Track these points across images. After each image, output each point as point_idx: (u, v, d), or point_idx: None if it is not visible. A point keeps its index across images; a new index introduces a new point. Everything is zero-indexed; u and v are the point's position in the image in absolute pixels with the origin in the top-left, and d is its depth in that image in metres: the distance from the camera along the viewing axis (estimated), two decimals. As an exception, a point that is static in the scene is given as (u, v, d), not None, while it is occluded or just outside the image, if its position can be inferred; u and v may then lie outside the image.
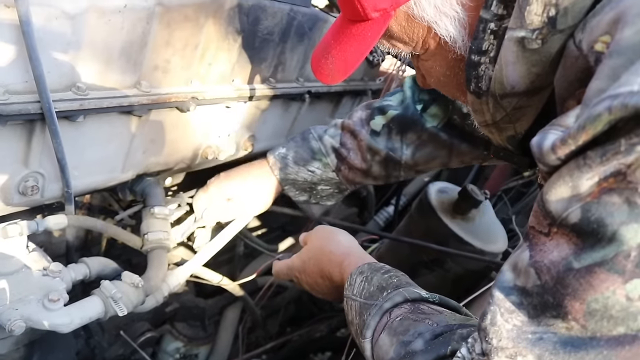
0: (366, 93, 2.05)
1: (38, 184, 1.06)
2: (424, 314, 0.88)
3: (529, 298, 0.64)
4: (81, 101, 1.00)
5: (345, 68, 0.91)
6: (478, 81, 0.82)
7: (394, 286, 0.95)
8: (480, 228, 1.62)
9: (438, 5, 0.79)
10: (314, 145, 1.40)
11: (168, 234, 1.30)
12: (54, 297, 1.04)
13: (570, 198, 0.59)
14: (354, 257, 1.09)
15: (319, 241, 1.18)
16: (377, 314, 0.91)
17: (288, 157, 1.39)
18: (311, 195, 1.42)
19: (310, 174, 1.38)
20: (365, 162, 1.36)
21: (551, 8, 0.69)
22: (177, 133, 1.29)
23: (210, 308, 1.76)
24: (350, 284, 1.02)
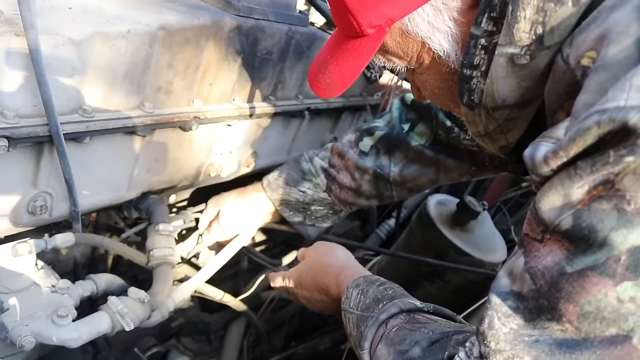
0: (365, 108, 2.09)
1: (46, 203, 1.09)
2: (419, 323, 0.91)
3: (525, 302, 0.67)
4: (87, 123, 1.04)
5: (343, 83, 0.94)
6: (470, 94, 0.85)
7: (389, 297, 0.98)
8: (479, 239, 1.64)
9: (431, 22, 0.82)
10: (304, 166, 1.45)
11: (173, 250, 1.33)
12: (62, 313, 1.08)
13: (562, 206, 0.63)
14: (350, 270, 1.13)
15: (316, 256, 1.21)
16: (373, 326, 0.94)
17: (279, 179, 1.44)
18: (305, 216, 1.45)
19: (302, 194, 1.42)
20: (354, 180, 1.40)
21: (538, 26, 0.72)
22: (180, 152, 1.33)
23: (215, 323, 1.78)
24: (347, 297, 1.05)
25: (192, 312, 1.76)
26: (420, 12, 0.81)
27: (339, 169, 1.41)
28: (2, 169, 0.99)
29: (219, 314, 1.81)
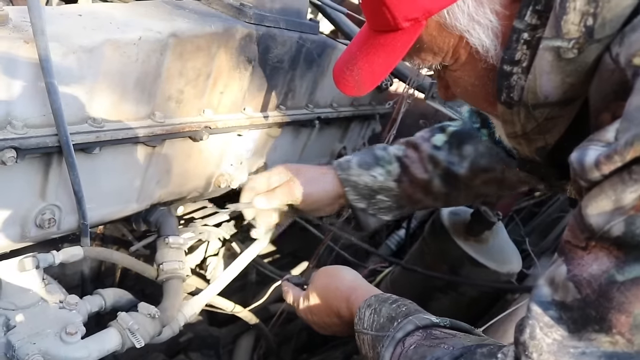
0: (374, 117, 2.07)
1: (55, 216, 1.06)
2: (437, 339, 0.87)
3: (569, 312, 0.64)
4: (97, 133, 1.01)
5: (373, 79, 0.91)
6: (510, 91, 0.81)
7: (403, 315, 0.95)
8: (494, 249, 1.61)
9: (472, 14, 0.78)
10: (379, 153, 1.39)
11: (183, 264, 1.29)
12: (71, 330, 1.04)
13: (613, 211, 0.60)
14: (360, 290, 1.09)
15: (322, 280, 1.18)
16: (390, 345, 0.90)
17: (352, 161, 1.38)
18: (369, 204, 1.38)
19: (372, 178, 1.36)
20: (426, 172, 1.35)
21: (589, 17, 0.68)
22: (191, 162, 1.30)
23: (224, 337, 1.75)
24: (359, 318, 1.01)
25: (200, 327, 1.72)
26: (460, 4, 0.77)
27: (413, 160, 1.36)
28: (10, 181, 0.96)
29: (227, 327, 1.78)
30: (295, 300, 1.23)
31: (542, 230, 1.92)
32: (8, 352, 1.01)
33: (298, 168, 1.36)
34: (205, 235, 1.59)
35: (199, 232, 1.52)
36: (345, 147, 1.97)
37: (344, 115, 1.79)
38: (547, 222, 1.90)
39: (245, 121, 1.34)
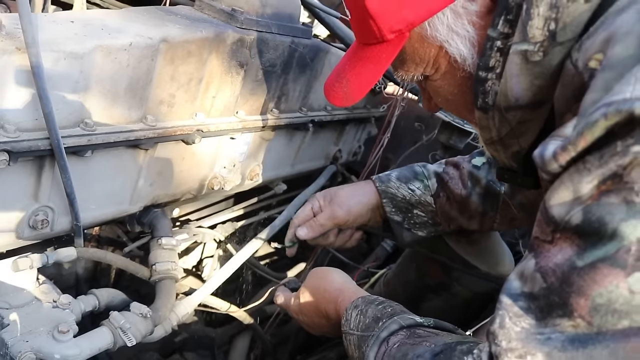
0: (369, 120, 2.09)
1: (48, 217, 1.08)
2: (420, 337, 0.90)
3: (536, 301, 0.67)
4: (89, 136, 1.03)
5: (360, 89, 0.95)
6: (485, 96, 0.85)
7: (388, 315, 0.98)
8: (486, 251, 1.62)
9: (450, 25, 0.83)
10: (417, 168, 1.43)
11: (175, 264, 1.32)
12: (63, 328, 1.06)
13: (572, 201, 0.64)
14: (348, 292, 1.12)
15: (312, 281, 1.20)
16: (375, 344, 0.93)
17: (391, 175, 1.41)
18: (405, 218, 1.41)
19: (410, 192, 1.38)
20: (465, 189, 1.36)
21: (551, 22, 0.74)
22: (184, 165, 1.32)
23: (219, 337, 1.76)
24: (346, 319, 1.04)
25: (196, 327, 1.74)
26: (440, 16, 0.82)
27: (452, 176, 1.39)
28: (3, 183, 0.98)
29: (223, 328, 1.80)
30: (287, 300, 1.26)
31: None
32: (1, 349, 1.03)
33: (336, 189, 1.40)
34: (200, 237, 1.61)
35: (193, 233, 1.54)
36: (340, 150, 1.99)
37: (338, 119, 1.82)
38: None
39: (238, 124, 1.37)
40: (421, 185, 1.40)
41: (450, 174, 1.40)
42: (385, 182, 1.40)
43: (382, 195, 1.39)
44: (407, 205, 1.40)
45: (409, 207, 1.40)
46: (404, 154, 2.16)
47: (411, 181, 1.40)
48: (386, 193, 1.39)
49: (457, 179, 1.39)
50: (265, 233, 1.57)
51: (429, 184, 1.40)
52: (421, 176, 1.41)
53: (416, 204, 1.40)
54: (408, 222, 1.42)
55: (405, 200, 1.39)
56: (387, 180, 1.41)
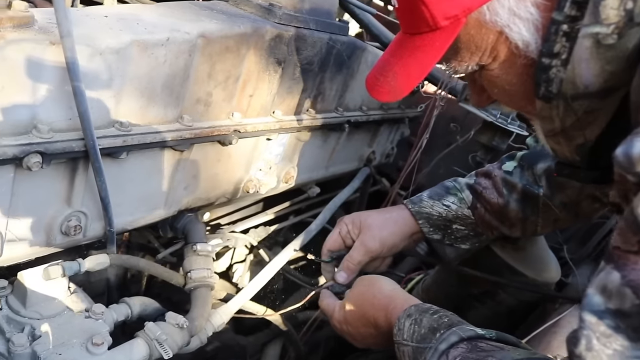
0: (404, 121, 2.02)
1: (81, 223, 1.03)
2: (484, 352, 0.83)
3: (628, 320, 0.60)
4: (124, 137, 0.98)
5: (409, 83, 0.87)
6: (548, 85, 0.78)
7: (446, 326, 0.91)
8: (532, 257, 1.54)
9: (512, 8, 0.75)
10: (448, 184, 1.37)
11: (211, 272, 1.26)
12: (97, 340, 1.01)
13: None
14: (399, 300, 1.05)
15: (360, 288, 1.14)
16: (433, 357, 0.87)
17: (423, 195, 1.35)
18: (445, 234, 1.34)
19: (445, 208, 1.32)
20: (502, 197, 1.30)
21: (628, 1, 0.67)
22: (219, 167, 1.26)
23: (251, 345, 1.70)
24: (399, 329, 0.97)
25: (227, 335, 1.68)
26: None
27: (486, 186, 1.32)
28: (36, 187, 0.93)
29: (254, 336, 1.74)
30: (330, 309, 1.19)
31: (580, 237, 1.85)
32: (33, 363, 0.98)
33: (364, 216, 1.32)
34: (233, 241, 1.55)
35: (226, 238, 1.48)
36: (374, 152, 1.93)
37: (373, 119, 1.75)
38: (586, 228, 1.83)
39: (275, 125, 1.31)
40: (455, 199, 1.33)
41: (483, 184, 1.33)
42: (417, 203, 1.34)
43: (417, 216, 1.33)
44: (445, 222, 1.34)
45: (447, 224, 1.34)
46: (437, 157, 2.09)
47: (444, 197, 1.34)
48: (421, 214, 1.33)
49: (491, 188, 1.32)
50: (301, 238, 1.50)
51: (464, 196, 1.34)
52: (453, 190, 1.35)
53: (454, 219, 1.33)
54: (449, 238, 1.36)
55: (442, 218, 1.33)
56: (419, 201, 1.34)
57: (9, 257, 0.98)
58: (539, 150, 1.31)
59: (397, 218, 1.32)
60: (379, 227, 1.29)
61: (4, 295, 1.06)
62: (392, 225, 1.31)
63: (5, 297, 1.06)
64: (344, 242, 1.31)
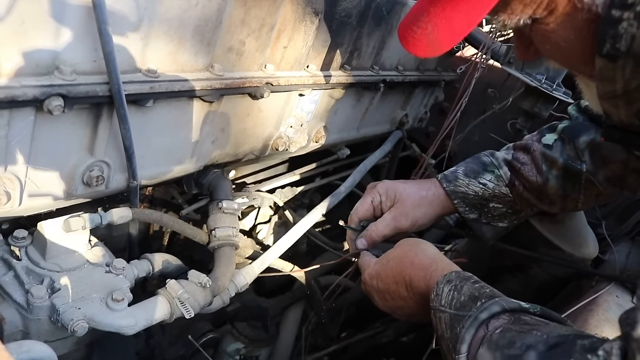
0: (439, 84, 1.94)
1: (103, 174, 0.98)
2: (528, 325, 0.77)
3: None
4: (151, 84, 0.91)
5: (452, 37, 0.80)
6: (616, 41, 0.70)
7: (487, 296, 0.85)
8: (570, 231, 1.47)
9: None
10: (485, 159, 1.29)
11: (236, 230, 1.20)
12: (117, 296, 0.97)
13: None
14: (441, 264, 0.98)
15: (403, 247, 1.06)
16: (472, 326, 0.81)
17: (458, 171, 1.27)
18: (482, 213, 1.27)
19: (482, 187, 1.25)
20: (540, 174, 1.23)
21: None
22: (248, 122, 1.20)
23: (272, 308, 1.66)
24: (437, 294, 0.91)
25: (248, 297, 1.64)
26: None
27: (524, 162, 1.25)
28: (57, 133, 0.88)
29: (276, 298, 1.70)
30: (367, 263, 1.13)
31: (620, 214, 1.77)
32: (52, 315, 0.95)
33: (400, 188, 1.24)
34: (258, 201, 1.49)
35: (252, 197, 1.43)
36: (407, 115, 1.85)
37: (409, 80, 1.67)
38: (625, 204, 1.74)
39: (309, 79, 1.23)
40: (492, 177, 1.26)
41: (521, 160, 1.25)
42: (453, 181, 1.26)
43: (453, 196, 1.25)
44: (481, 200, 1.26)
45: (484, 202, 1.27)
46: (472, 123, 2.00)
47: (480, 174, 1.26)
48: (456, 193, 1.25)
49: (530, 164, 1.24)
50: (329, 200, 1.44)
51: (501, 173, 1.26)
52: (491, 167, 1.27)
53: (491, 197, 1.26)
54: (485, 217, 1.28)
55: (478, 197, 1.26)
56: (454, 178, 1.26)
57: (29, 207, 0.93)
58: (581, 122, 1.23)
59: (432, 199, 1.25)
60: (413, 206, 1.22)
61: (23, 245, 1.03)
62: (427, 206, 1.24)
63: (25, 248, 1.03)
64: (374, 212, 1.24)
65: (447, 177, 1.27)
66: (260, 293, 1.76)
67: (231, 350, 1.63)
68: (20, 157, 0.85)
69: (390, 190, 1.23)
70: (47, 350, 0.77)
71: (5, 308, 0.96)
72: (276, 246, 1.30)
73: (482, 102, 2.06)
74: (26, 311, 0.95)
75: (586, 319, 1.27)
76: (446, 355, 0.90)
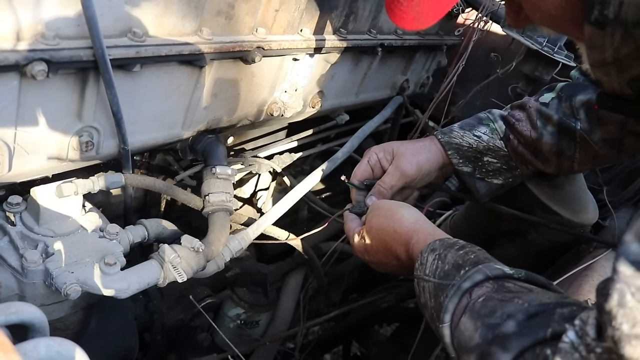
0: (441, 48, 1.91)
1: (93, 139, 0.98)
2: (511, 292, 0.77)
3: None
4: (137, 48, 0.91)
5: (438, 8, 0.78)
6: (603, 7, 0.68)
7: (471, 263, 0.84)
8: (569, 196, 1.46)
9: None
10: (481, 115, 1.30)
11: (230, 195, 1.21)
12: (110, 260, 0.98)
13: None
14: (422, 233, 0.97)
15: (379, 220, 1.05)
16: (455, 295, 0.81)
17: (454, 125, 1.28)
18: (476, 167, 1.27)
19: (476, 139, 1.25)
20: (535, 130, 1.22)
21: None
22: (242, 87, 1.19)
23: (272, 274, 1.68)
24: (421, 263, 0.91)
25: (248, 262, 1.66)
26: None
27: (519, 118, 1.25)
28: (43, 98, 0.88)
29: (276, 264, 1.71)
30: (351, 234, 1.14)
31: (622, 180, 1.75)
32: (46, 279, 0.97)
33: (396, 145, 1.24)
34: (256, 167, 1.50)
35: (248, 163, 1.43)
36: (408, 80, 1.83)
37: (408, 44, 1.65)
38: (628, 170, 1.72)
39: (302, 43, 1.22)
40: (487, 130, 1.25)
41: (517, 116, 1.25)
42: (448, 133, 1.26)
43: (447, 146, 1.25)
44: (475, 153, 1.26)
45: (478, 155, 1.26)
46: (474, 88, 1.97)
47: (475, 127, 1.26)
48: (450, 144, 1.25)
49: (525, 120, 1.24)
50: (326, 165, 1.44)
51: (496, 127, 1.26)
52: (486, 120, 1.27)
53: (485, 150, 1.25)
54: (479, 172, 1.28)
55: (472, 149, 1.25)
56: (449, 131, 1.27)
57: (19, 173, 0.94)
58: (580, 82, 1.21)
59: (430, 146, 1.25)
60: (413, 153, 1.22)
61: (18, 211, 1.04)
62: (427, 152, 1.24)
63: (19, 214, 1.04)
64: (372, 172, 1.24)
65: (443, 130, 1.27)
66: (261, 259, 1.77)
67: (232, 315, 1.65)
68: (7, 122, 0.85)
69: (387, 147, 1.23)
70: (37, 312, 0.77)
71: (1, 272, 0.98)
72: (272, 211, 1.31)
73: (486, 67, 2.02)
74: (21, 275, 0.96)
75: (581, 284, 1.26)
76: (430, 323, 0.90)
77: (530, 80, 1.71)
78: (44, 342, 0.66)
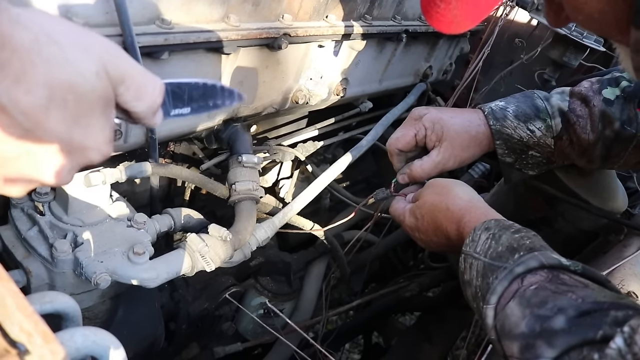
0: (464, 35, 1.88)
1: (121, 128, 0.98)
2: (565, 285, 0.74)
3: None
4: (166, 35, 0.90)
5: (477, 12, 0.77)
6: None
7: (527, 248, 0.82)
8: (598, 184, 1.43)
9: None
10: (539, 103, 1.21)
11: (257, 184, 1.20)
12: (139, 250, 0.98)
13: None
14: (475, 212, 0.95)
15: (433, 197, 1.03)
16: (506, 279, 0.79)
17: (508, 110, 1.20)
18: (518, 159, 1.22)
19: (529, 133, 1.19)
20: (594, 132, 1.17)
21: None
22: (267, 74, 1.18)
23: (295, 263, 1.67)
24: (472, 240, 0.89)
25: (271, 251, 1.65)
26: None
27: (580, 115, 1.19)
28: (72, 87, 0.87)
29: (299, 253, 1.70)
30: (399, 213, 1.11)
31: (652, 166, 1.72)
32: (76, 268, 0.97)
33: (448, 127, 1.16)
34: (280, 155, 1.48)
35: (273, 151, 1.42)
36: (431, 67, 1.80)
37: (432, 30, 1.62)
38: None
39: (328, 30, 1.20)
40: (543, 126, 1.19)
41: (578, 113, 1.18)
42: (501, 120, 1.18)
43: (496, 136, 1.18)
44: (523, 147, 1.20)
45: (524, 149, 1.21)
46: (498, 75, 1.94)
47: (532, 120, 1.19)
48: (501, 134, 1.18)
49: (586, 119, 1.18)
50: (350, 154, 1.42)
51: (552, 124, 1.19)
52: (544, 114, 1.20)
53: (533, 145, 1.20)
54: (520, 163, 1.23)
55: (521, 142, 1.20)
56: (502, 117, 1.19)
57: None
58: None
59: (481, 139, 1.19)
60: (462, 147, 1.17)
61: (46, 201, 1.04)
62: (476, 147, 1.19)
63: (48, 204, 1.04)
64: (416, 145, 1.19)
65: (496, 113, 1.19)
66: (283, 248, 1.77)
67: (255, 304, 1.64)
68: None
69: (437, 124, 1.16)
70: (70, 301, 0.77)
71: (32, 262, 0.98)
72: (297, 200, 1.30)
73: (509, 53, 1.99)
74: (51, 265, 0.97)
75: (612, 274, 1.24)
76: (469, 301, 0.89)
77: (558, 65, 1.67)
78: (80, 332, 0.66)
